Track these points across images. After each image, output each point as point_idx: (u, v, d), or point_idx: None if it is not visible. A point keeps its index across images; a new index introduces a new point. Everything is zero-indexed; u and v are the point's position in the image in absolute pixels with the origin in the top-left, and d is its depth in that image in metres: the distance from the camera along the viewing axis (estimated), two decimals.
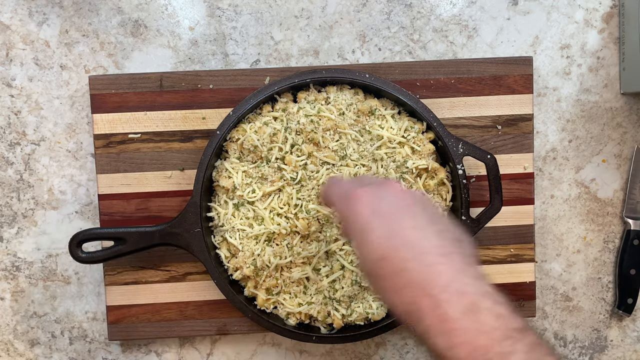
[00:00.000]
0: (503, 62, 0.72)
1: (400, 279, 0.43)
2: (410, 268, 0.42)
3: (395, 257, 0.43)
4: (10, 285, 0.74)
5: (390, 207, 0.46)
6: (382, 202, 0.46)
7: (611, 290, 0.76)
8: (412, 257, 0.43)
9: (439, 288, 0.41)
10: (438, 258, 0.43)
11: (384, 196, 0.47)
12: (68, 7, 0.73)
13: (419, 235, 0.44)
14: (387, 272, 0.44)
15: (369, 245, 0.45)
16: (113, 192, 0.71)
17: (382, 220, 0.45)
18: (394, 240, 0.44)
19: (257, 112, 0.69)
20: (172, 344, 0.75)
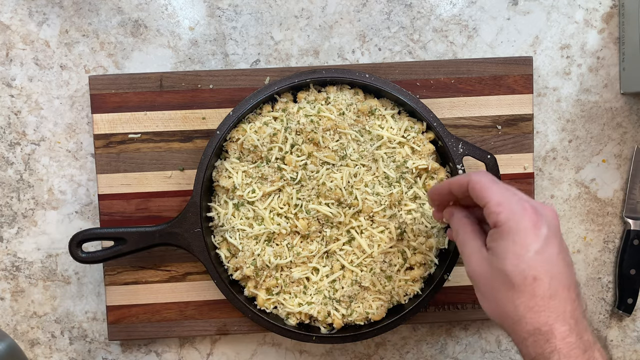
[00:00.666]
0: (503, 62, 0.72)
1: (545, 301, 0.47)
2: (557, 296, 0.47)
3: (547, 282, 0.47)
4: (10, 285, 0.74)
5: (552, 232, 0.49)
6: (547, 225, 0.49)
7: (611, 290, 0.76)
8: (563, 287, 0.47)
9: (573, 320, 0.47)
10: (576, 296, 0.48)
11: (550, 220, 0.49)
12: (68, 7, 0.73)
13: (568, 272, 0.48)
14: (534, 292, 0.47)
15: (526, 261, 0.47)
16: (113, 192, 0.71)
17: (544, 242, 0.48)
18: (552, 267, 0.47)
19: (257, 112, 0.69)
20: (172, 344, 0.75)
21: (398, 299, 0.69)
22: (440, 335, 0.76)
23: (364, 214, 0.67)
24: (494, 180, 0.52)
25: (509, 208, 0.49)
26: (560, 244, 0.49)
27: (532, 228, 0.48)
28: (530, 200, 0.51)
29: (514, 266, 0.48)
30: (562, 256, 0.49)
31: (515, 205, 0.49)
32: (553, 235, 0.49)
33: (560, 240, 0.50)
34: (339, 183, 0.66)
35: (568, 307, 0.47)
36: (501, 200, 0.50)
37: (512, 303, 0.48)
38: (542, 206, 0.51)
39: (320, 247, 0.67)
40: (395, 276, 0.68)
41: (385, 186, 0.67)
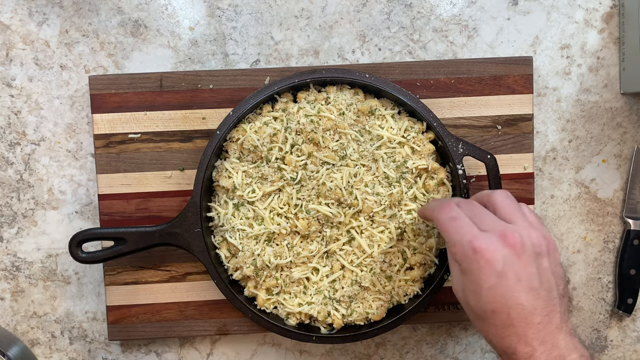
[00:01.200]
0: (503, 62, 0.72)
1: (505, 330, 0.51)
2: (516, 324, 0.50)
3: (505, 313, 0.51)
4: (10, 285, 0.74)
5: (507, 265, 0.51)
6: (502, 260, 0.51)
7: (611, 290, 0.76)
8: (520, 316, 0.50)
9: (537, 341, 0.50)
10: (541, 318, 0.50)
11: (504, 254, 0.51)
12: (68, 7, 0.73)
13: (530, 297, 0.50)
14: (494, 322, 0.51)
15: (481, 297, 0.51)
16: (113, 192, 0.71)
17: (499, 278, 0.51)
18: (507, 300, 0.50)
19: (257, 112, 0.69)
20: (172, 344, 0.75)
21: (398, 299, 0.69)
22: (440, 335, 0.76)
23: (364, 214, 0.67)
24: (452, 217, 0.54)
25: (461, 250, 0.52)
26: (523, 270, 0.51)
27: (485, 266, 0.51)
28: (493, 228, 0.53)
29: (474, 302, 0.52)
30: (523, 284, 0.51)
31: (467, 248, 0.52)
32: (510, 266, 0.51)
33: (526, 264, 0.51)
34: (339, 183, 0.66)
35: (529, 332, 0.50)
36: (454, 241, 0.53)
37: (482, 328, 0.53)
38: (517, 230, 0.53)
39: (320, 247, 0.67)
40: (395, 276, 0.68)
41: (385, 186, 0.67)
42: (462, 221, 0.54)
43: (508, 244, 0.51)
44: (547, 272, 0.52)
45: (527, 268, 0.51)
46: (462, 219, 0.54)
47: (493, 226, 0.53)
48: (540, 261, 0.52)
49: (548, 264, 0.53)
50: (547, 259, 0.53)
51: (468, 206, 0.56)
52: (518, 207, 0.56)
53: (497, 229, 0.52)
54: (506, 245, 0.51)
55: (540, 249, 0.53)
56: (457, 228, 0.53)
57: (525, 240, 0.52)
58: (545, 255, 0.53)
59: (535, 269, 0.52)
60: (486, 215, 0.55)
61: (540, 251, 0.53)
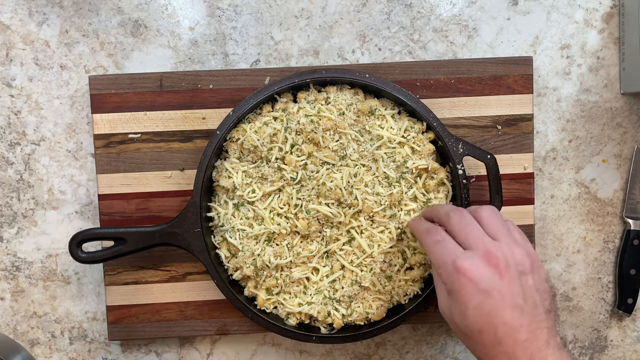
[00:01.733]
0: (503, 62, 0.72)
1: (493, 349, 0.51)
2: (503, 343, 0.51)
3: (491, 333, 0.51)
4: (10, 285, 0.74)
5: (491, 284, 0.52)
6: (485, 279, 0.52)
7: (611, 290, 0.76)
8: (507, 334, 0.51)
9: (525, 358, 0.50)
10: (528, 334, 0.51)
11: (488, 273, 0.52)
12: (68, 7, 0.73)
13: (515, 315, 0.51)
14: (482, 341, 0.52)
15: (467, 316, 0.52)
16: (113, 192, 0.71)
17: (483, 297, 0.51)
18: (492, 319, 0.51)
19: (257, 112, 0.69)
20: (172, 344, 0.75)
21: (398, 299, 0.69)
22: (440, 335, 0.76)
23: (364, 214, 0.67)
24: (436, 241, 0.56)
25: (445, 271, 0.54)
26: (507, 288, 0.52)
27: (469, 285, 0.52)
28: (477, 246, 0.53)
29: (460, 322, 0.53)
30: (507, 302, 0.51)
31: (450, 268, 0.53)
32: (494, 285, 0.51)
33: (509, 283, 0.52)
34: (339, 183, 0.66)
35: (517, 349, 0.50)
36: (439, 263, 0.55)
37: (471, 347, 0.54)
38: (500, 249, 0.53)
39: (320, 247, 0.67)
40: (395, 276, 0.68)
41: (385, 186, 0.67)
42: (446, 243, 0.55)
43: (491, 264, 0.52)
44: (532, 289, 0.53)
45: (510, 286, 0.52)
46: (446, 241, 0.55)
47: (477, 244, 0.54)
48: (524, 279, 0.53)
49: (532, 281, 0.53)
50: (531, 276, 0.54)
51: (457, 218, 0.56)
52: (503, 223, 0.56)
53: (481, 247, 0.53)
54: (489, 264, 0.52)
55: (523, 267, 0.53)
56: (441, 250, 0.55)
57: (508, 259, 0.53)
58: (530, 273, 0.54)
59: (519, 287, 0.52)
60: (473, 229, 0.55)
61: (523, 269, 0.53)
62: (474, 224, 0.56)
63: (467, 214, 0.57)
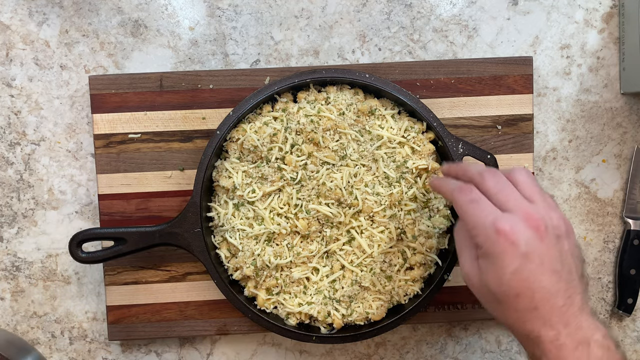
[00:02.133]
0: (503, 62, 0.72)
1: (528, 314, 0.50)
2: (540, 308, 0.50)
3: (529, 297, 0.50)
4: (10, 285, 0.74)
5: (531, 247, 0.50)
6: (526, 242, 0.50)
7: (611, 290, 0.76)
8: (545, 299, 0.50)
9: (561, 324, 0.49)
10: (564, 300, 0.50)
11: (529, 236, 0.50)
12: (68, 7, 0.73)
13: (553, 280, 0.50)
14: (517, 306, 0.50)
15: (504, 280, 0.50)
16: (113, 192, 0.71)
17: (523, 260, 0.50)
18: (531, 283, 0.50)
19: (257, 112, 0.69)
20: (172, 344, 0.75)
21: (398, 299, 0.69)
22: (440, 335, 0.76)
23: (364, 214, 0.67)
24: (472, 199, 0.53)
25: (484, 233, 0.51)
26: (546, 253, 0.50)
27: (509, 248, 0.50)
28: (516, 208, 0.52)
29: (496, 286, 0.51)
30: (546, 267, 0.50)
31: (489, 230, 0.51)
32: (534, 249, 0.50)
33: (549, 247, 0.51)
34: (339, 183, 0.66)
35: (553, 315, 0.49)
36: (476, 224, 0.52)
37: (501, 313, 0.52)
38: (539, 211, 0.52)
39: (320, 247, 0.67)
40: (395, 276, 0.68)
41: (385, 186, 0.67)
42: (483, 204, 0.53)
43: (532, 226, 0.51)
44: (567, 254, 0.52)
45: (550, 250, 0.51)
46: (482, 202, 0.53)
47: (517, 206, 0.52)
48: (561, 243, 0.52)
49: (568, 245, 0.52)
50: (566, 241, 0.52)
51: (493, 179, 0.54)
52: (539, 187, 0.55)
53: (521, 209, 0.51)
54: (530, 226, 0.50)
55: (560, 231, 0.52)
56: (479, 210, 0.52)
57: (547, 222, 0.51)
58: (565, 237, 0.52)
59: (558, 251, 0.51)
60: (511, 191, 0.53)
61: (560, 233, 0.52)
62: (510, 186, 0.54)
63: (502, 176, 0.55)
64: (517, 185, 0.54)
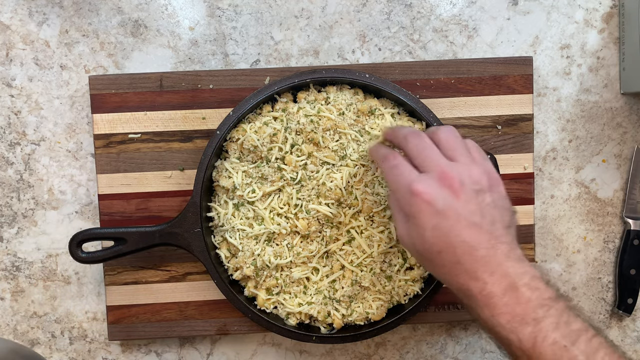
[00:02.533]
0: (503, 62, 0.72)
1: (454, 268, 0.51)
2: (463, 261, 0.51)
3: (451, 252, 0.51)
4: (10, 285, 0.74)
5: (446, 205, 0.51)
6: (441, 200, 0.51)
7: (611, 290, 0.76)
8: (466, 252, 0.51)
9: (486, 274, 0.50)
10: (487, 251, 0.51)
11: (443, 194, 0.52)
12: (68, 7, 0.73)
13: (472, 233, 0.51)
14: (442, 262, 0.52)
15: (426, 239, 0.52)
16: (113, 192, 0.71)
17: (440, 218, 0.51)
18: (450, 238, 0.51)
19: (257, 112, 0.69)
20: (172, 344, 0.75)
21: (398, 299, 0.69)
22: (440, 335, 0.76)
23: (363, 214, 0.67)
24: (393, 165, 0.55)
25: (403, 196, 0.53)
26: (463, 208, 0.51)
27: (425, 208, 0.51)
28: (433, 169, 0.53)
29: (420, 245, 0.53)
30: (463, 221, 0.51)
31: (406, 192, 0.53)
32: (450, 205, 0.51)
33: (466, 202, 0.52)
34: (339, 183, 0.66)
35: (477, 266, 0.50)
36: (397, 187, 0.54)
37: (432, 270, 0.54)
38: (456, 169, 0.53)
39: (320, 247, 0.67)
40: (395, 276, 0.68)
41: (385, 186, 0.67)
42: (402, 167, 0.55)
43: (446, 185, 0.52)
44: (489, 206, 0.53)
45: (467, 205, 0.52)
46: (402, 166, 0.55)
47: (432, 166, 0.53)
48: (481, 197, 0.53)
49: (490, 198, 0.53)
50: (489, 194, 0.53)
51: (414, 141, 0.56)
52: (462, 143, 0.56)
53: (436, 169, 0.53)
54: (444, 185, 0.52)
55: (480, 186, 0.53)
56: (398, 175, 0.54)
57: (464, 179, 0.52)
58: (488, 191, 0.53)
59: (476, 206, 0.52)
60: (430, 152, 0.54)
61: (481, 188, 0.53)
62: (431, 147, 0.55)
63: (425, 137, 0.56)
64: (440, 144, 0.55)
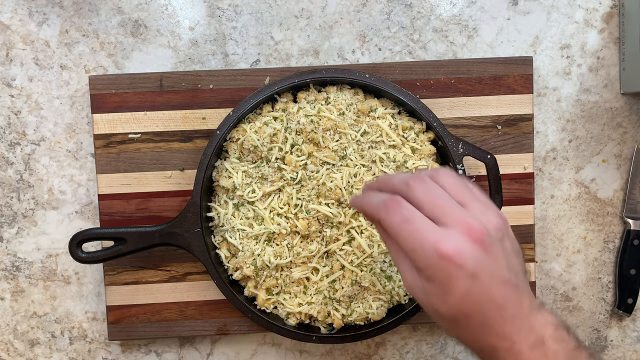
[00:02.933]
0: (503, 62, 0.72)
1: (481, 330, 0.46)
2: (492, 323, 0.46)
3: (479, 315, 0.46)
4: (10, 285, 0.74)
5: (479, 266, 0.45)
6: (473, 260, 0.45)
7: (611, 290, 0.76)
8: (495, 313, 0.46)
9: (514, 332, 0.46)
10: (514, 308, 0.46)
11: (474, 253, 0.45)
12: (68, 7, 0.73)
13: (503, 291, 0.46)
14: (468, 325, 0.47)
15: (452, 304, 0.46)
16: (113, 192, 0.71)
17: (472, 281, 0.45)
18: (481, 302, 0.46)
19: (257, 112, 0.69)
20: (172, 344, 0.75)
21: (398, 299, 0.69)
22: (440, 335, 0.76)
23: None
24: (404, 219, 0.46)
25: (423, 257, 0.45)
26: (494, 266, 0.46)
27: (456, 272, 0.45)
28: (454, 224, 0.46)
29: (444, 310, 0.46)
30: (495, 279, 0.45)
31: (431, 254, 0.45)
32: (482, 266, 0.45)
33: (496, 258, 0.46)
34: (339, 183, 0.66)
35: (506, 326, 0.46)
36: (413, 248, 0.46)
37: (451, 331, 0.49)
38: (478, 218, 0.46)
39: (320, 247, 0.67)
40: (395, 276, 0.68)
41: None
42: (419, 222, 0.46)
43: (476, 240, 0.45)
44: (512, 255, 0.48)
45: (497, 261, 0.46)
46: (416, 219, 0.46)
47: (454, 218, 0.46)
48: (504, 245, 0.47)
49: (509, 244, 0.48)
50: (507, 239, 0.48)
51: (422, 188, 0.48)
52: (467, 187, 0.49)
53: (459, 221, 0.45)
54: (474, 241, 0.45)
55: (501, 233, 0.47)
56: (415, 232, 0.46)
57: (489, 229, 0.46)
58: (506, 237, 0.48)
59: (504, 259, 0.46)
60: (445, 201, 0.47)
61: (502, 234, 0.47)
62: (443, 194, 0.48)
63: (431, 181, 0.48)
64: (445, 189, 0.48)
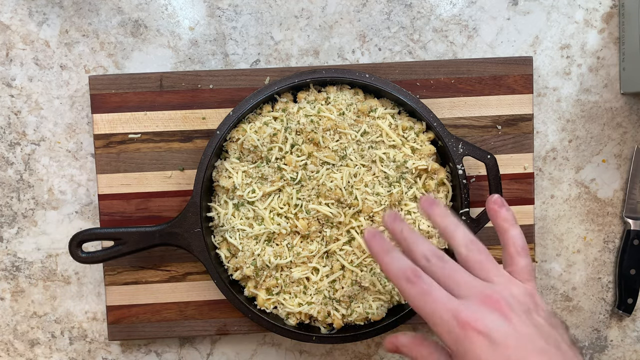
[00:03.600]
0: (503, 62, 0.72)
1: None
2: None
3: None
4: (10, 285, 0.74)
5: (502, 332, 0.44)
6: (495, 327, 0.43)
7: (611, 290, 0.76)
8: None
9: None
10: None
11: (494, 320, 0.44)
12: (68, 7, 0.73)
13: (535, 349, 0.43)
14: None
15: None
16: (113, 192, 0.71)
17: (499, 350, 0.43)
18: None
19: (257, 112, 0.69)
20: (172, 344, 0.75)
21: (398, 299, 0.69)
22: None
23: (364, 214, 0.67)
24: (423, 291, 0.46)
25: (446, 330, 0.44)
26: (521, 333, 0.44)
27: (477, 340, 0.43)
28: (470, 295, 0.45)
29: None
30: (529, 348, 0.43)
31: (452, 325, 0.44)
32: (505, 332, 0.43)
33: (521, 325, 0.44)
34: (339, 183, 0.66)
35: None
36: (434, 321, 0.45)
37: None
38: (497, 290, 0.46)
39: (320, 247, 0.67)
40: None
41: (385, 186, 0.67)
42: (436, 293, 0.46)
43: (493, 307, 0.44)
44: (546, 327, 0.45)
45: (524, 329, 0.44)
46: (434, 291, 0.46)
47: (470, 290, 0.46)
48: (533, 318, 0.46)
49: (541, 318, 0.46)
50: (538, 314, 0.46)
51: (439, 264, 0.48)
52: (492, 262, 0.48)
53: (475, 293, 0.45)
54: (493, 309, 0.44)
55: (527, 305, 0.46)
56: (433, 303, 0.45)
57: (509, 299, 0.45)
58: (535, 311, 0.46)
59: (533, 328, 0.45)
60: (462, 275, 0.47)
61: (528, 308, 0.46)
62: (460, 270, 0.47)
63: (449, 259, 0.48)
64: (468, 265, 0.48)
